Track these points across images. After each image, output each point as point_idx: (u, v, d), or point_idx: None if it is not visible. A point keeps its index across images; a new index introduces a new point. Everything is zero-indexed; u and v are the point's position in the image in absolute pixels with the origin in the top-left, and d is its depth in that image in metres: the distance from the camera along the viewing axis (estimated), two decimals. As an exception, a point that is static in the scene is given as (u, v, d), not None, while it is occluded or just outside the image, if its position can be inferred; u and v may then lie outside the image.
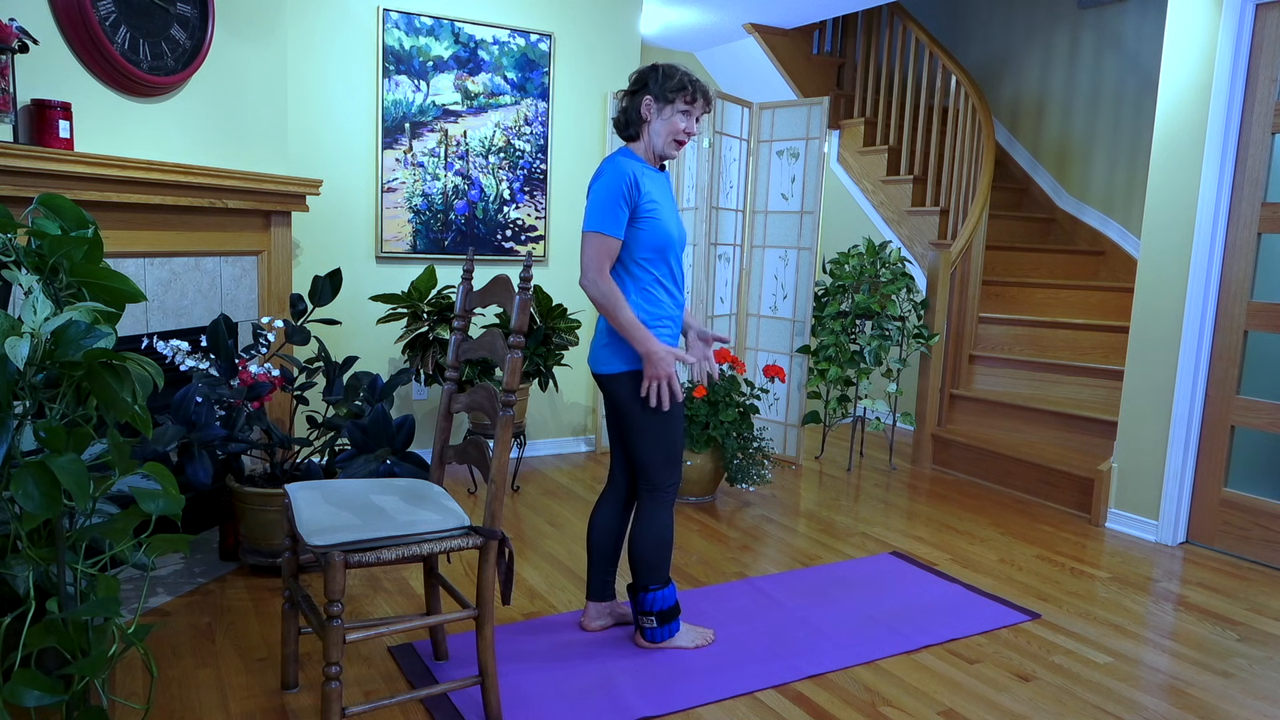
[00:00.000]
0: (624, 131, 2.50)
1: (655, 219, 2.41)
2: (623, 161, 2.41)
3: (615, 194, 2.35)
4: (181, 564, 3.13)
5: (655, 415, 2.48)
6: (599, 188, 2.38)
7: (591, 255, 2.37)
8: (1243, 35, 3.50)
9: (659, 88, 2.42)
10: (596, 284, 2.37)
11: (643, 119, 2.45)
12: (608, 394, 2.53)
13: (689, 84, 2.42)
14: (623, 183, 2.36)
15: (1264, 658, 2.75)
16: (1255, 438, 3.59)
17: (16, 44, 2.43)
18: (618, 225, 2.36)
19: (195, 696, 2.29)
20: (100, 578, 1.74)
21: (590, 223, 2.38)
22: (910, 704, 2.39)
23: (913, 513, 4.08)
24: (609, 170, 2.39)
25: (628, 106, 2.47)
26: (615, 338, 2.46)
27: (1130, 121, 5.55)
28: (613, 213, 2.36)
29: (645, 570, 2.56)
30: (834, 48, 6.52)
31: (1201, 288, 3.63)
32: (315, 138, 4.07)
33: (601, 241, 2.36)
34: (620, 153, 2.47)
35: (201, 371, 2.91)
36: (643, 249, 2.42)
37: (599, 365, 2.50)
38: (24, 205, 2.44)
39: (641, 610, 2.59)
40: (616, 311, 2.38)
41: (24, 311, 1.63)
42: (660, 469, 2.53)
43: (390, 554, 2.00)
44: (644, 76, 2.45)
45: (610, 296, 2.37)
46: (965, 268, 4.90)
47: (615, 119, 2.52)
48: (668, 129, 2.44)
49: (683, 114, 2.43)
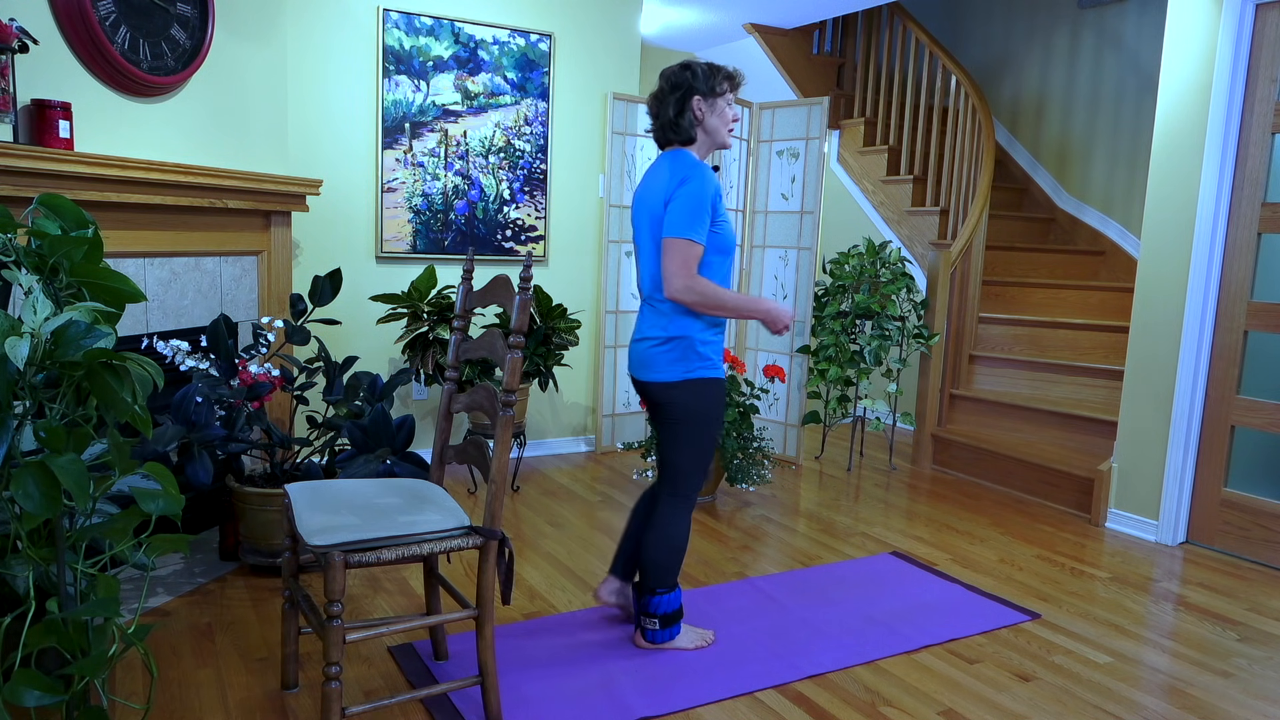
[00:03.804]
0: (665, 136, 2.49)
1: (727, 222, 2.45)
2: (704, 166, 2.42)
3: (704, 201, 2.36)
4: (181, 564, 3.13)
5: (702, 425, 2.48)
6: (688, 194, 2.35)
7: (681, 262, 2.35)
8: (1243, 35, 3.50)
9: (706, 85, 2.44)
10: (691, 288, 2.36)
11: (697, 120, 2.46)
12: (657, 401, 2.49)
13: (730, 73, 2.47)
14: (711, 189, 2.38)
15: (1264, 658, 2.75)
16: (1255, 438, 3.59)
17: (16, 44, 2.43)
18: (704, 231, 2.37)
19: (195, 696, 2.29)
20: (100, 578, 1.74)
21: (679, 229, 2.35)
22: (910, 704, 2.39)
23: (913, 513, 4.08)
24: (697, 175, 2.38)
25: (675, 113, 2.45)
26: (671, 346, 2.44)
27: (1130, 121, 5.55)
28: (702, 219, 2.36)
29: (655, 573, 2.55)
30: (834, 48, 6.52)
31: (1201, 288, 3.63)
32: (315, 138, 4.07)
33: (690, 247, 2.35)
34: (685, 155, 2.46)
35: (201, 371, 2.91)
36: (710, 251, 2.43)
37: (654, 373, 2.46)
38: (24, 205, 2.44)
39: (645, 612, 2.59)
40: (722, 301, 2.38)
41: (24, 311, 1.63)
42: (689, 476, 2.53)
43: (390, 554, 2.00)
44: (681, 80, 2.44)
45: (710, 292, 2.37)
46: (965, 268, 4.90)
47: (655, 129, 2.51)
48: (722, 121, 2.48)
49: (730, 104, 2.49)
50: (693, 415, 2.47)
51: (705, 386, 2.47)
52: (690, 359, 2.44)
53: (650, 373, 2.47)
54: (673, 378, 2.45)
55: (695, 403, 2.46)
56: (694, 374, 2.45)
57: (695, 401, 2.46)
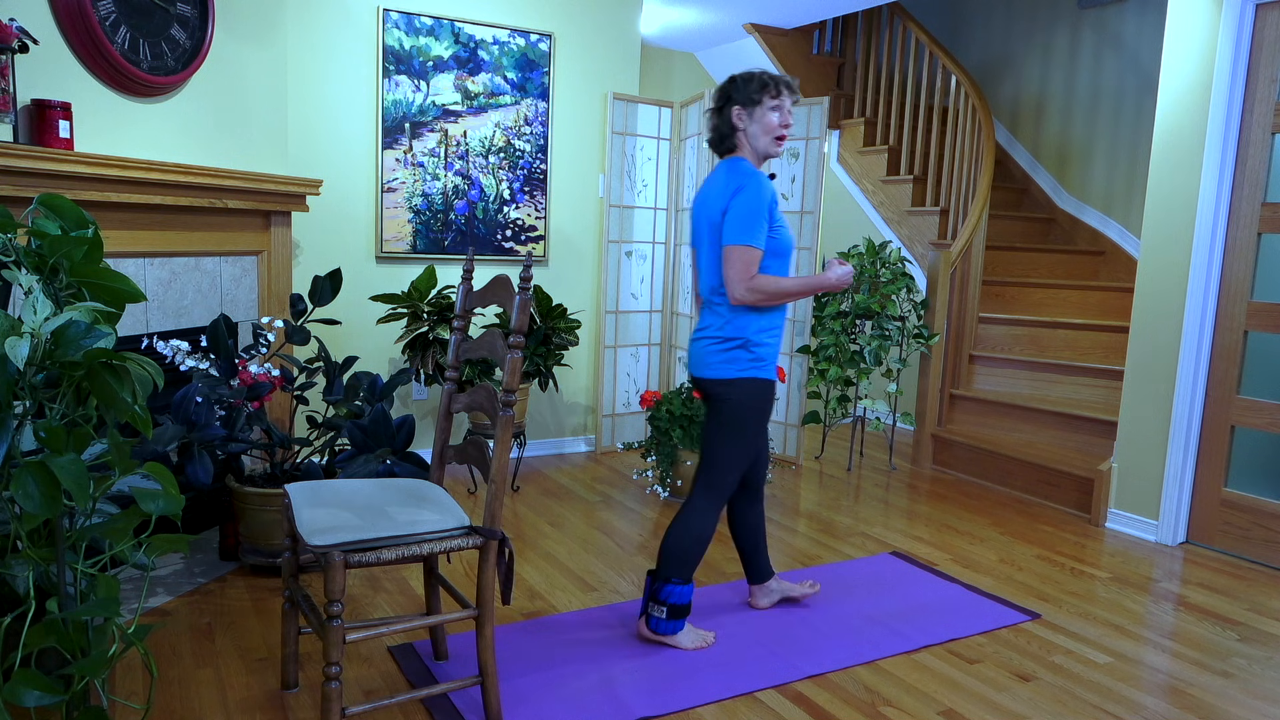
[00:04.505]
0: (720, 146, 2.59)
1: (784, 227, 2.54)
2: (759, 174, 2.50)
3: (760, 207, 2.45)
4: (181, 564, 3.13)
5: (747, 423, 2.57)
6: (745, 202, 2.44)
7: (741, 268, 2.45)
8: (1243, 35, 3.50)
9: (743, 94, 2.52)
10: (752, 289, 2.45)
11: (736, 129, 2.54)
12: (713, 397, 2.59)
13: (769, 81, 2.52)
14: (767, 196, 2.47)
15: (1264, 658, 2.75)
16: (1255, 438, 3.59)
17: (16, 44, 2.43)
18: (763, 236, 2.47)
19: (195, 696, 2.29)
20: (100, 578, 1.74)
21: (738, 236, 2.45)
22: (910, 704, 2.39)
23: (913, 513, 4.08)
24: (751, 184, 2.47)
25: (719, 123, 2.57)
26: (726, 345, 2.54)
27: (1130, 121, 5.55)
28: (759, 225, 2.45)
29: (673, 563, 2.60)
30: (834, 48, 6.52)
31: (1201, 288, 3.63)
32: (315, 138, 4.07)
33: (748, 252, 2.45)
34: (740, 163, 2.54)
35: (201, 371, 2.91)
36: (768, 255, 2.51)
37: (708, 370, 2.57)
38: (24, 205, 2.44)
39: (655, 599, 2.61)
40: (784, 289, 2.48)
41: (24, 311, 1.63)
42: (727, 472, 2.60)
43: (390, 554, 2.00)
44: (725, 91, 2.55)
45: (769, 287, 2.47)
46: (965, 268, 4.90)
47: (709, 139, 2.61)
48: (764, 129, 2.53)
49: (773, 110, 2.52)
50: (739, 412, 2.56)
51: (754, 385, 2.56)
52: (743, 358, 2.54)
53: (704, 369, 2.58)
54: (725, 375, 2.55)
55: (743, 400, 2.55)
56: (745, 373, 2.54)
57: (743, 399, 2.55)
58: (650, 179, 4.86)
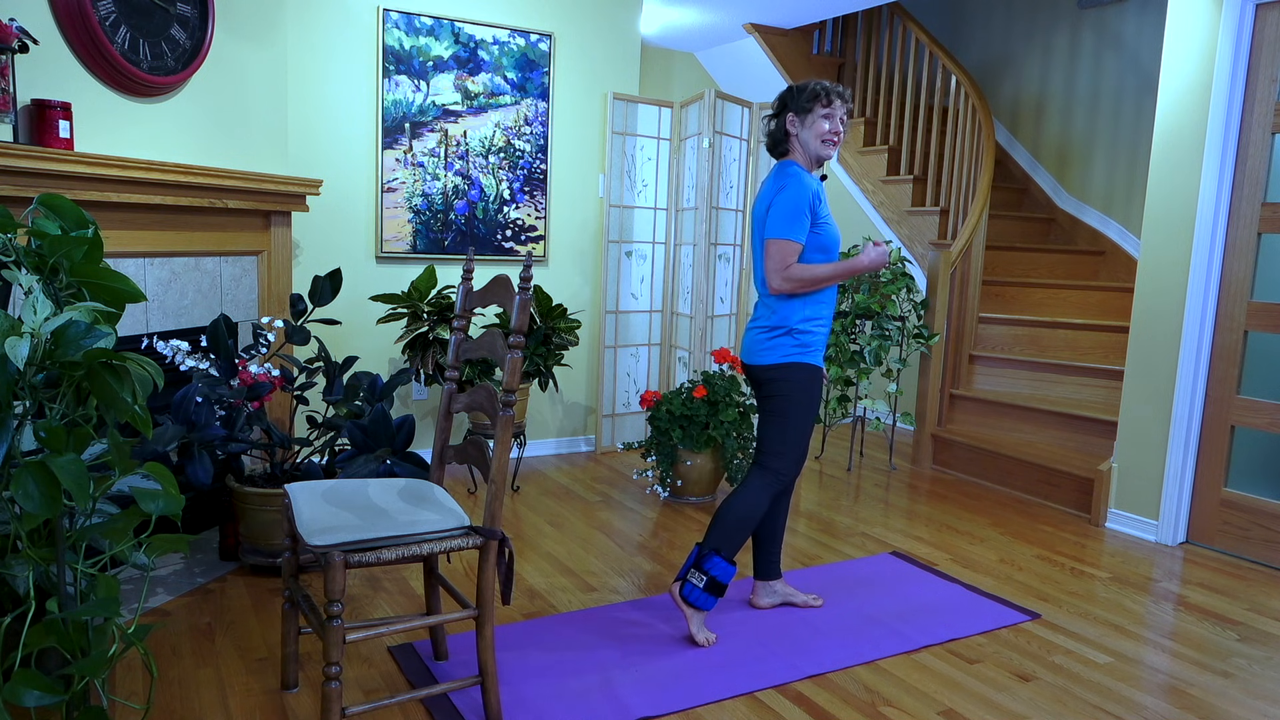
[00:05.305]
0: (775, 150, 2.76)
1: (828, 224, 2.68)
2: (802, 173, 2.66)
3: (800, 204, 2.60)
4: (181, 564, 3.13)
5: (795, 407, 2.69)
6: (785, 199, 2.60)
7: (779, 259, 2.60)
8: (1243, 35, 3.50)
9: (796, 103, 2.69)
10: (787, 278, 2.60)
11: (789, 134, 2.71)
12: (762, 383, 2.73)
13: (821, 90, 2.67)
14: (808, 192, 2.61)
15: (1264, 658, 2.75)
16: (1255, 438, 3.59)
17: (16, 44, 2.43)
18: (803, 231, 2.61)
19: (195, 696, 2.29)
20: (100, 578, 1.74)
21: (777, 230, 2.61)
22: (910, 704, 2.39)
23: (913, 513, 4.08)
24: (793, 182, 2.62)
25: (774, 129, 2.74)
26: (772, 333, 2.69)
27: (1130, 121, 5.55)
28: (800, 220, 2.60)
29: (723, 535, 2.68)
30: (834, 48, 6.52)
31: (1201, 288, 3.63)
32: (315, 138, 4.07)
33: (787, 245, 2.60)
34: (789, 165, 2.70)
35: (201, 371, 2.91)
36: (812, 250, 2.65)
37: (756, 357, 2.72)
38: (24, 205, 2.44)
39: (699, 567, 2.67)
40: (818, 275, 2.62)
41: (24, 311, 1.63)
42: (779, 455, 2.72)
43: (390, 554, 2.00)
44: (782, 99, 2.73)
45: (804, 274, 2.61)
46: (965, 268, 4.90)
47: (765, 143, 2.79)
48: (814, 134, 2.68)
49: (824, 118, 2.67)
50: (786, 396, 2.69)
51: (799, 370, 2.69)
52: (787, 344, 2.68)
53: (753, 357, 2.74)
54: (770, 360, 2.69)
55: (789, 384, 2.68)
56: (790, 358, 2.68)
57: (789, 382, 2.68)
58: (650, 179, 4.86)
